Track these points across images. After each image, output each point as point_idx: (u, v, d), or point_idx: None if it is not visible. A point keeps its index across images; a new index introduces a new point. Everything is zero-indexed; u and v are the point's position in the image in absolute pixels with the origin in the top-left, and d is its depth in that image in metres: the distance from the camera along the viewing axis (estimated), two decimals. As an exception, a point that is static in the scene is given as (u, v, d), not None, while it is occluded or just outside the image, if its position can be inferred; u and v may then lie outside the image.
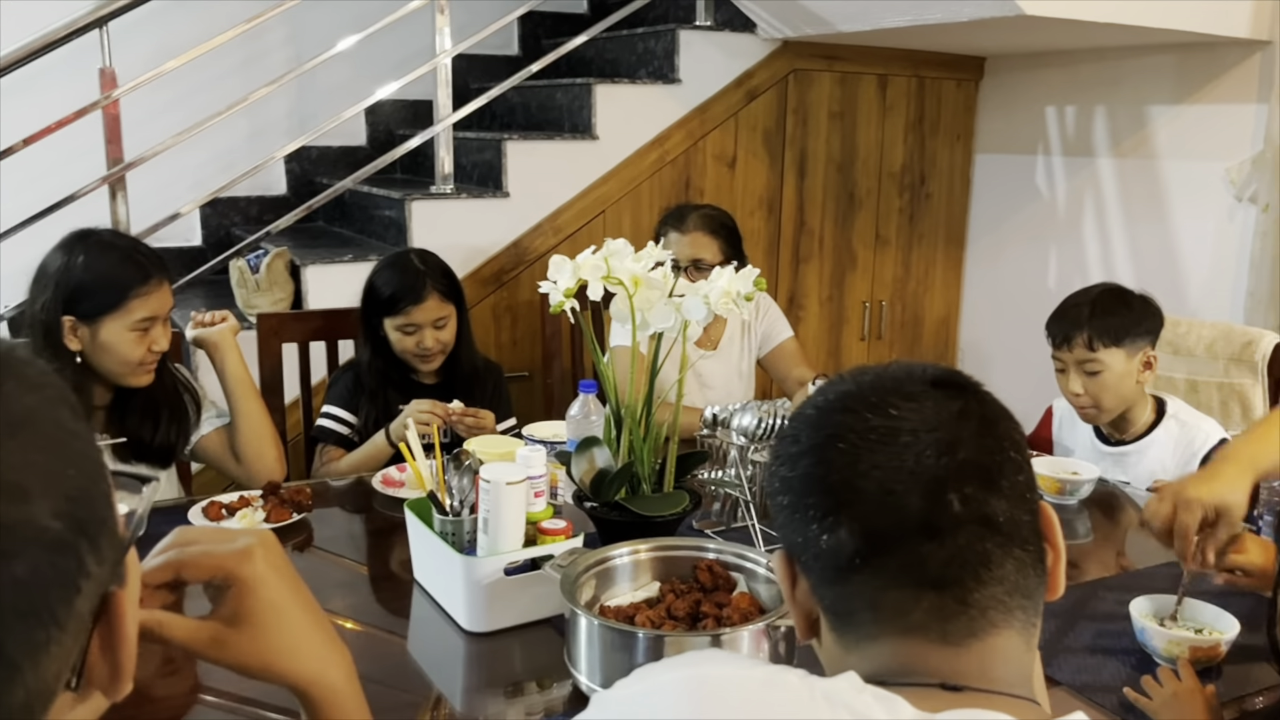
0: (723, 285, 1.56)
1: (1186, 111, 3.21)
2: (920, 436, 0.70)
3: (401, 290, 2.16)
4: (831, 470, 0.72)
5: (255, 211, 3.72)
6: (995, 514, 0.69)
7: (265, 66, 3.50)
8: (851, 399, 0.73)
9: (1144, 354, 1.98)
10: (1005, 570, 0.69)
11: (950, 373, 0.75)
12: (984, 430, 0.71)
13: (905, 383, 0.73)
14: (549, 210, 3.11)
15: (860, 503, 0.70)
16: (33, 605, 0.46)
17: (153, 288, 1.81)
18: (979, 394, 0.75)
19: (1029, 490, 0.72)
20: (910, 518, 0.69)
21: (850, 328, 3.76)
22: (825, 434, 0.73)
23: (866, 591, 0.71)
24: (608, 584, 1.35)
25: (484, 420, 2.10)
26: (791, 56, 3.40)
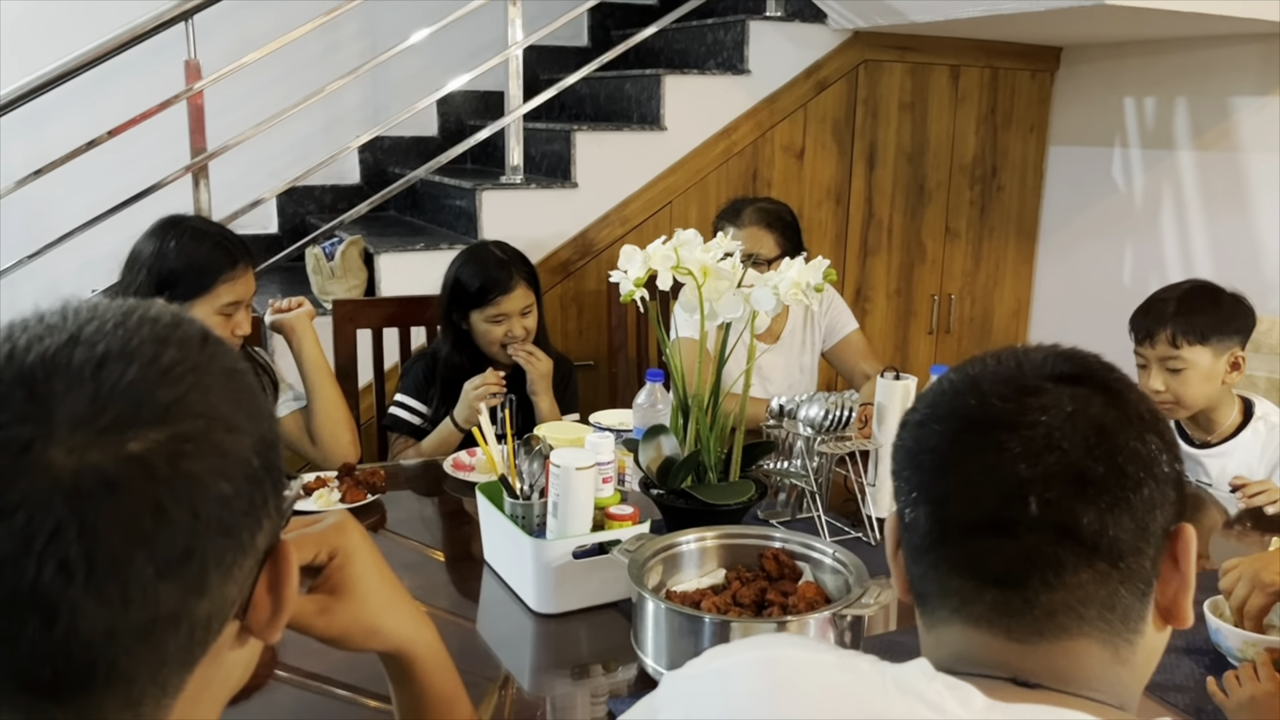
0: (792, 276, 1.56)
1: (1271, 103, 3.11)
2: (1015, 434, 0.68)
3: (490, 282, 2.20)
4: (923, 450, 0.72)
5: (330, 200, 3.80)
6: (1080, 523, 0.66)
7: (341, 58, 3.57)
8: (970, 382, 0.72)
9: (1231, 354, 1.92)
10: (1079, 579, 0.67)
11: (1087, 368, 0.72)
12: (1097, 437, 0.67)
13: (1029, 374, 0.70)
14: (616, 201, 3.13)
15: (938, 488, 0.71)
16: (229, 526, 0.54)
17: (240, 273, 1.87)
18: (1111, 396, 0.70)
19: (1149, 508, 0.68)
20: (982, 513, 0.68)
21: (918, 321, 3.72)
22: (933, 412, 0.73)
23: (937, 575, 0.71)
24: (674, 570, 1.37)
25: (539, 357, 2.18)
26: (862, 47, 3.37)
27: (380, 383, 2.50)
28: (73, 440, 0.49)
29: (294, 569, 0.61)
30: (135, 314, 0.56)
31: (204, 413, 0.54)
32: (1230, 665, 1.30)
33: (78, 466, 0.49)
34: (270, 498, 0.57)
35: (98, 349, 0.52)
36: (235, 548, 0.55)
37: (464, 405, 2.11)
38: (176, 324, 0.57)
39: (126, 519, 0.50)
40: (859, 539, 1.72)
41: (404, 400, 2.27)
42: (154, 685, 0.54)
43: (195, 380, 0.54)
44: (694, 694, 0.73)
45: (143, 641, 0.51)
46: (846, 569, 1.30)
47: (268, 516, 0.57)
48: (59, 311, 0.55)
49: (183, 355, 0.55)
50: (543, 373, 2.20)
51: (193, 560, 0.52)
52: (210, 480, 0.53)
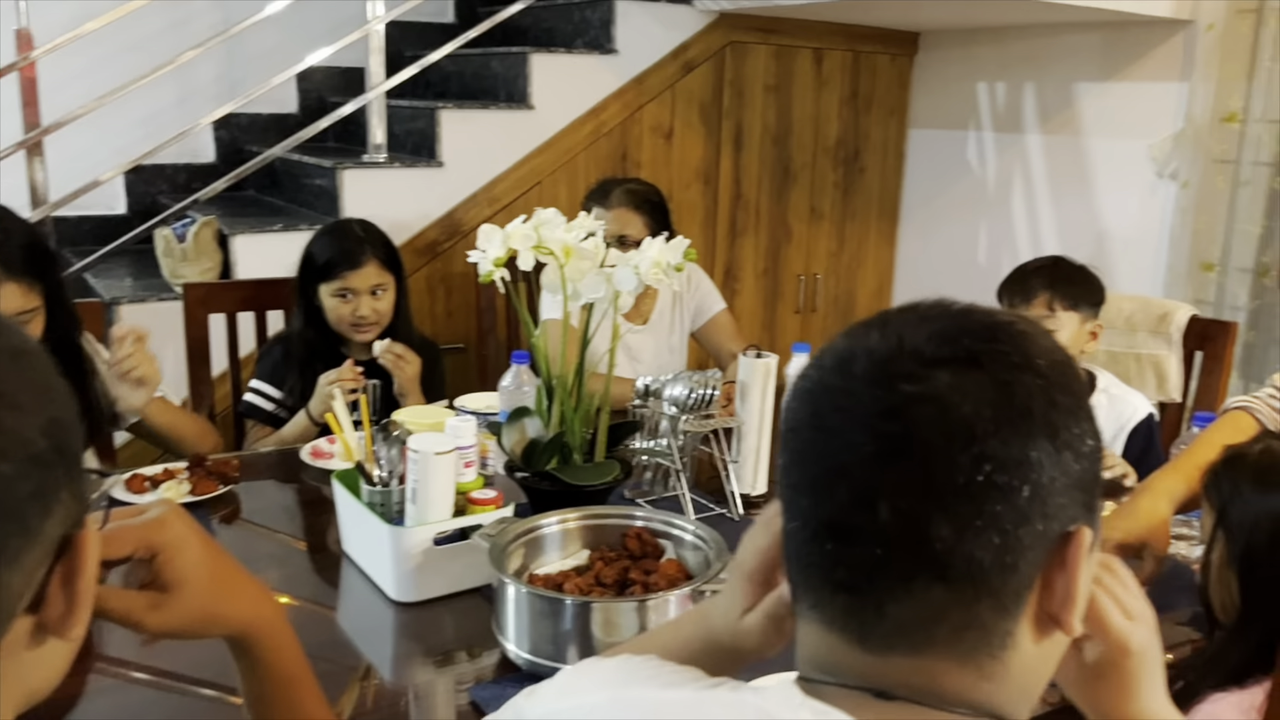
0: (652, 255, 1.57)
1: (1112, 89, 3.28)
2: (878, 430, 0.60)
3: (339, 255, 2.13)
4: (789, 428, 0.65)
5: (183, 179, 3.63)
6: (933, 538, 0.58)
7: (193, 30, 3.41)
8: (845, 359, 0.63)
9: (1093, 324, 2.05)
10: (931, 595, 0.60)
11: (975, 350, 0.61)
12: (964, 441, 0.58)
13: (908, 354, 0.61)
14: (484, 180, 3.08)
15: (795, 474, 0.64)
16: (10, 509, 0.51)
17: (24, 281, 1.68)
18: (999, 387, 0.60)
19: (1019, 520, 0.59)
20: (832, 512, 0.62)
21: (785, 301, 3.79)
22: (805, 384, 0.66)
23: (798, 566, 0.66)
24: (537, 553, 1.36)
25: (409, 360, 2.09)
26: (728, 29, 3.40)
27: (236, 370, 2.41)
28: None
29: (90, 562, 0.58)
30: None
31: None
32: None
33: None
34: (64, 483, 0.55)
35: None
36: (19, 533, 0.52)
37: (319, 399, 2.03)
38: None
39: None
40: (723, 515, 1.74)
41: (259, 386, 2.19)
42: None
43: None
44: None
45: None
46: (707, 545, 1.31)
47: (60, 503, 0.55)
48: None
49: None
50: (410, 376, 2.11)
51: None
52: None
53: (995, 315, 0.64)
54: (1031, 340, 0.63)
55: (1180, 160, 3.04)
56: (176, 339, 2.42)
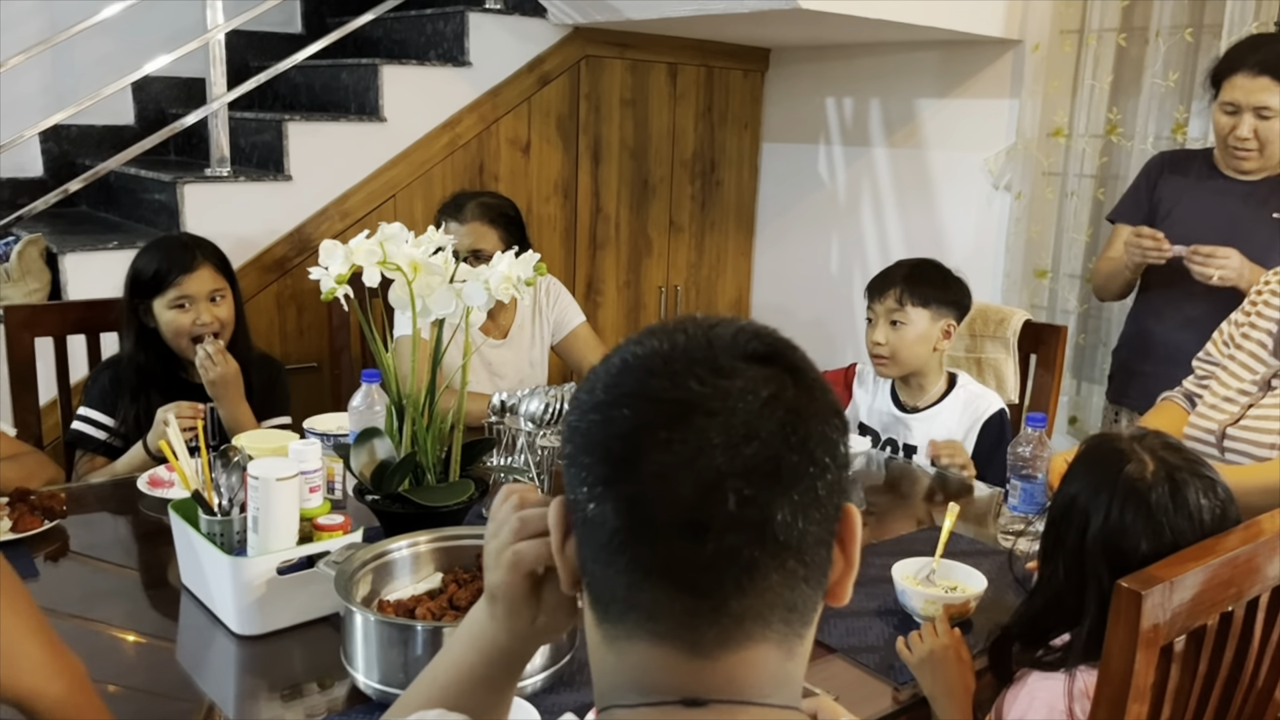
0: (503, 270, 1.55)
1: (949, 105, 3.43)
2: (714, 421, 0.61)
3: (169, 264, 2.03)
4: (612, 436, 0.63)
5: (7, 195, 3.40)
6: (775, 520, 0.61)
7: (15, 36, 3.21)
8: (657, 360, 0.64)
9: (946, 323, 2.17)
10: (770, 582, 0.62)
11: (775, 348, 0.66)
12: (791, 424, 0.62)
13: (720, 353, 0.63)
14: (335, 194, 3.00)
15: (630, 481, 0.62)
16: None
17: None
18: (800, 377, 0.65)
19: (830, 495, 0.64)
20: (678, 510, 0.61)
21: (647, 312, 3.82)
22: (619, 393, 0.64)
23: (628, 581, 0.64)
24: (387, 578, 1.32)
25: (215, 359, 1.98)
26: (583, 43, 3.41)
27: (66, 397, 2.27)
28: None
29: None
30: None
31: None
32: (916, 625, 1.42)
33: None
34: None
35: None
36: None
37: (156, 432, 1.91)
38: None
39: None
40: (582, 530, 1.73)
41: (88, 414, 2.06)
42: None
43: None
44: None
45: None
46: (562, 562, 1.30)
47: None
48: None
49: None
50: (213, 379, 1.99)
51: None
52: None
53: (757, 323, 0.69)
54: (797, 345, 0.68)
55: (1013, 173, 3.20)
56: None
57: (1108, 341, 2.95)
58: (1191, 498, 1.16)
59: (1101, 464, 1.22)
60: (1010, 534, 1.75)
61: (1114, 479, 1.19)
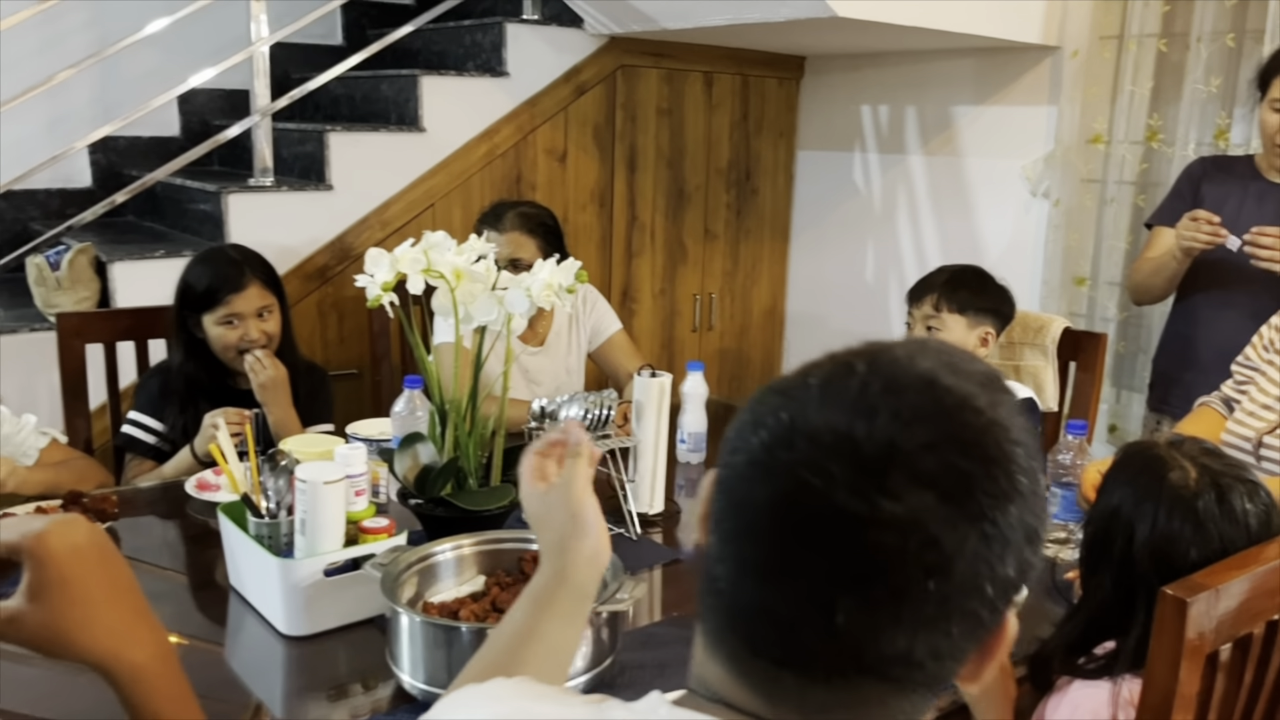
0: (544, 277, 1.57)
1: (986, 112, 3.42)
2: (854, 551, 0.56)
3: (219, 281, 2.07)
4: (744, 504, 0.60)
5: (57, 205, 3.49)
6: (882, 648, 0.57)
7: (66, 50, 3.29)
8: (820, 448, 0.57)
9: (984, 330, 2.17)
10: (864, 690, 0.59)
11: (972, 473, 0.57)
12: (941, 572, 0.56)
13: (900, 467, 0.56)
14: (375, 204, 3.04)
15: (747, 551, 0.60)
16: None
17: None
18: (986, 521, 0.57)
19: (966, 629, 0.59)
20: (782, 604, 0.58)
21: (682, 320, 3.83)
22: (769, 461, 0.59)
23: (716, 620, 0.63)
24: (431, 580, 1.35)
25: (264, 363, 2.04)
26: (619, 53, 3.43)
27: (115, 402, 2.32)
28: None
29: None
30: None
31: None
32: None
33: None
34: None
35: None
36: None
37: (204, 436, 1.96)
38: None
39: None
40: (621, 534, 1.75)
41: (138, 418, 2.11)
42: None
43: None
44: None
45: None
46: (603, 566, 1.31)
47: None
48: None
49: None
50: (262, 382, 2.04)
51: None
52: None
53: (984, 413, 0.59)
54: (1013, 443, 0.59)
55: (1051, 180, 3.18)
56: (50, 371, 2.33)
57: (1148, 349, 2.93)
58: (1237, 504, 1.16)
59: (1143, 473, 1.22)
60: (1051, 543, 1.74)
61: (1158, 487, 1.18)
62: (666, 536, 1.80)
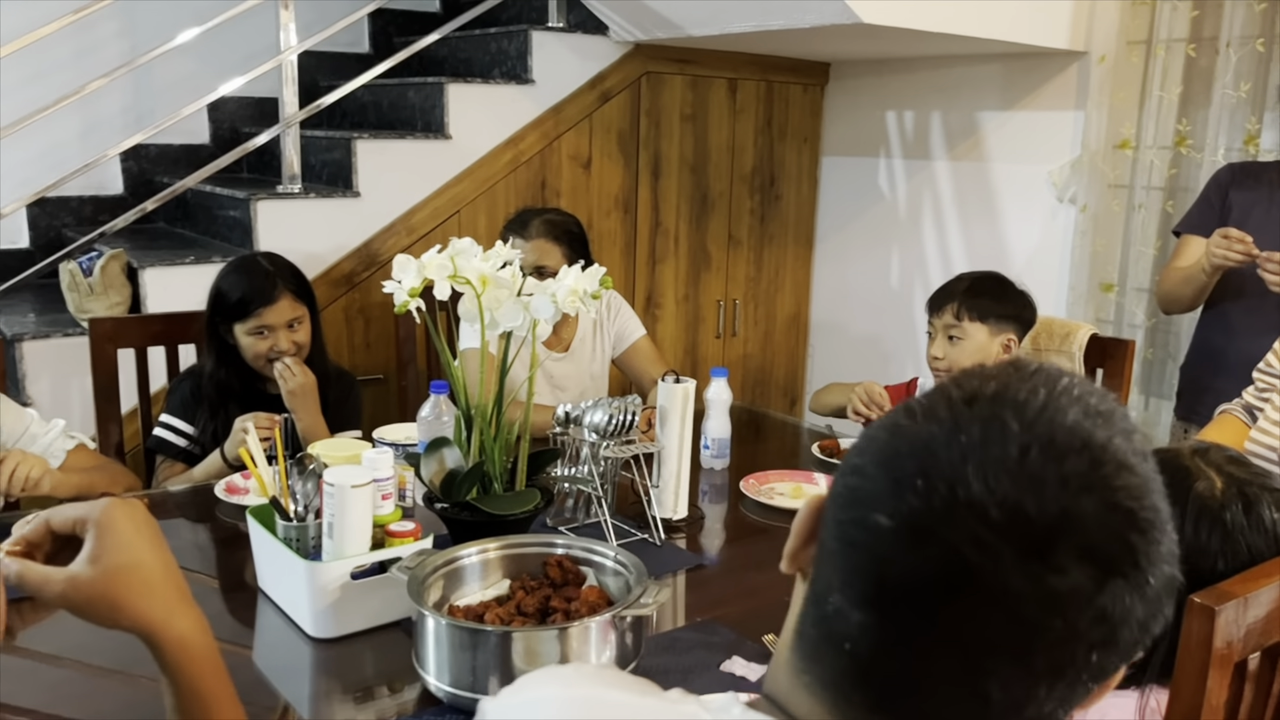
0: (569, 284, 1.58)
1: (1013, 118, 3.40)
2: (1009, 613, 0.54)
3: (251, 292, 2.09)
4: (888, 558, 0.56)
5: (89, 212, 3.54)
6: (1019, 708, 0.56)
7: (99, 59, 3.34)
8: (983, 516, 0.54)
9: (1006, 337, 2.16)
10: None
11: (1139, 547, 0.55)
12: (1104, 645, 0.55)
13: (1064, 538, 0.54)
14: (401, 210, 3.07)
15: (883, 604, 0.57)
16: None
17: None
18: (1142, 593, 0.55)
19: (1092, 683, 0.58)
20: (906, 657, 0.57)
21: (706, 326, 3.84)
22: (920, 522, 0.55)
23: (812, 647, 0.61)
24: (457, 584, 1.36)
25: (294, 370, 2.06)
26: (644, 59, 3.45)
27: (146, 406, 2.35)
28: None
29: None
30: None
31: None
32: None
33: None
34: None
35: None
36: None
37: (234, 441, 1.99)
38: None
39: None
40: (645, 540, 1.75)
41: (169, 421, 2.14)
42: None
43: None
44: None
45: None
46: (628, 570, 1.32)
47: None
48: None
49: None
50: (292, 389, 2.07)
51: None
52: None
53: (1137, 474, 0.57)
54: (1160, 494, 0.59)
55: (1078, 185, 3.17)
56: (83, 376, 2.36)
57: (1176, 356, 2.90)
58: (1265, 513, 1.15)
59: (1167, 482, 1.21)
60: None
61: (1183, 498, 1.17)
62: (690, 542, 1.81)
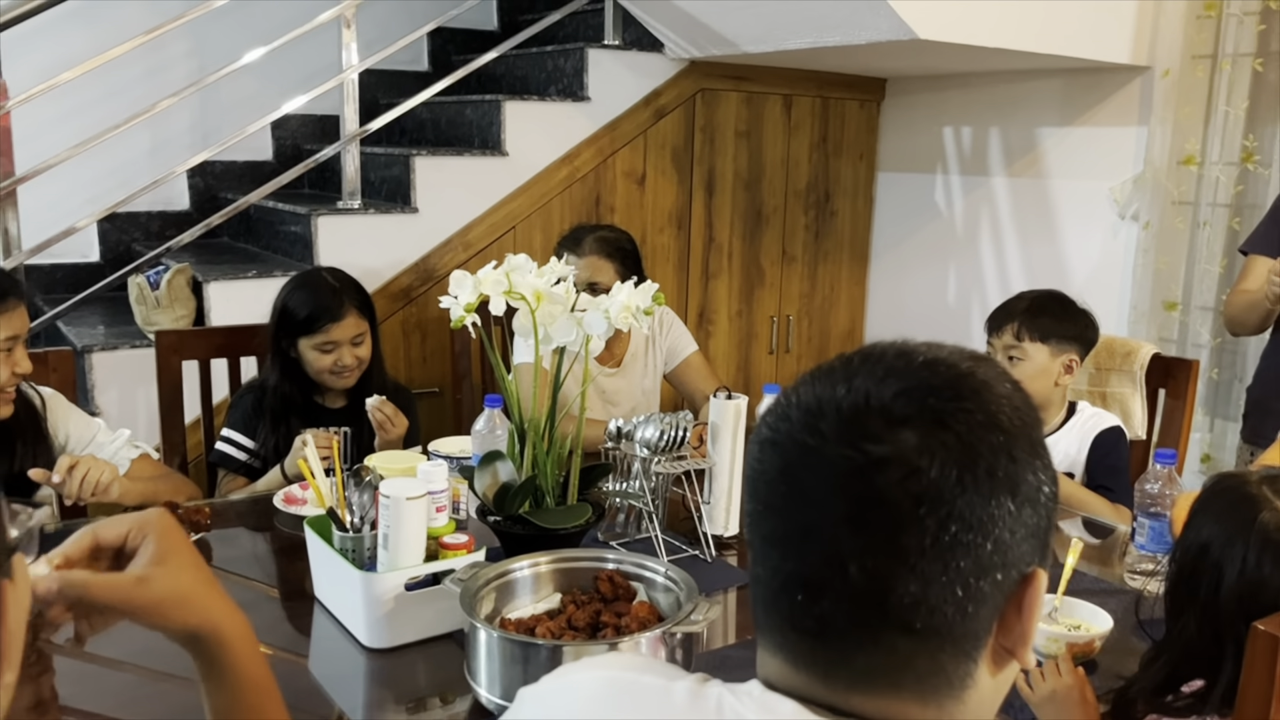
0: (622, 299, 1.59)
1: (1073, 134, 3.36)
2: (848, 491, 0.61)
3: (318, 310, 2.14)
4: (757, 477, 0.67)
5: (156, 227, 3.64)
6: (900, 593, 0.61)
7: (168, 79, 3.43)
8: (812, 413, 0.64)
9: (1067, 358, 2.10)
10: (896, 646, 0.62)
11: (941, 405, 0.62)
12: (932, 503, 0.60)
13: (874, 411, 0.62)
14: (458, 226, 3.11)
15: (765, 525, 0.66)
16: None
17: (9, 306, 1.76)
18: (965, 447, 0.61)
19: (981, 572, 0.62)
20: (801, 567, 0.64)
21: (759, 342, 3.82)
22: (774, 435, 0.66)
23: (761, 606, 0.68)
24: (509, 597, 1.36)
25: (397, 424, 2.09)
26: (699, 76, 3.46)
27: (209, 417, 2.40)
28: None
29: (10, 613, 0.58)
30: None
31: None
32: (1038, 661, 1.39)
33: None
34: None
35: None
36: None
37: (294, 458, 2.02)
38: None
39: None
40: (696, 557, 1.75)
41: (231, 435, 2.18)
42: None
43: None
44: (539, 707, 0.75)
45: None
46: (678, 587, 1.32)
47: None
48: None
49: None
50: (394, 439, 2.11)
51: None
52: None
53: (957, 367, 0.65)
54: (991, 391, 0.64)
55: (1141, 202, 3.11)
56: (149, 386, 2.42)
57: (1243, 377, 2.83)
58: None
59: (1232, 511, 1.18)
60: (1138, 574, 1.70)
61: (1248, 528, 1.14)
62: (741, 559, 1.80)
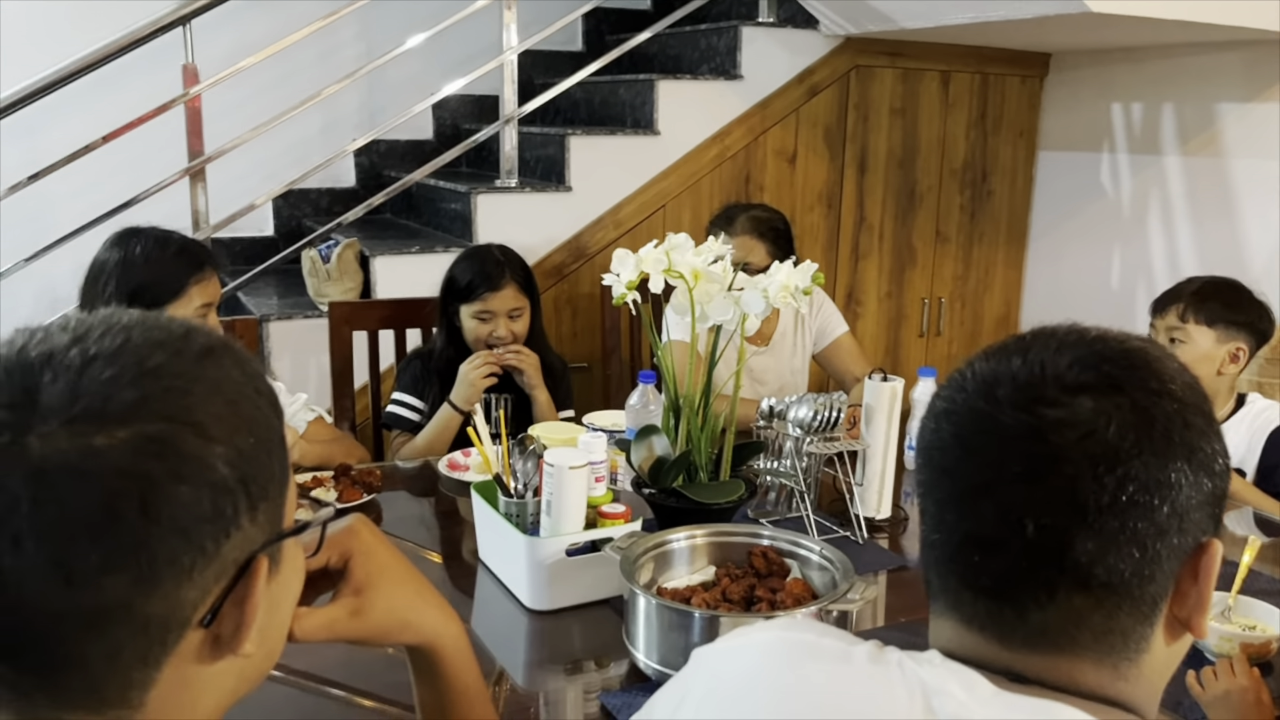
0: (781, 279, 1.59)
1: (1256, 110, 3.16)
2: (1024, 452, 0.65)
3: (480, 278, 2.24)
4: (933, 446, 0.70)
5: (326, 203, 3.83)
6: (1076, 551, 0.63)
7: (338, 62, 3.60)
8: (988, 384, 0.68)
9: (1234, 346, 2.00)
10: (1073, 603, 0.65)
11: (1115, 376, 0.66)
12: (1109, 464, 0.63)
13: (1050, 382, 0.66)
14: (610, 204, 3.16)
15: (941, 489, 0.69)
16: (186, 528, 0.55)
17: (208, 274, 1.89)
18: (1139, 413, 0.64)
19: (1157, 534, 0.64)
20: (978, 526, 0.67)
21: (909, 324, 3.75)
22: (950, 406, 0.70)
23: (936, 571, 0.71)
24: (665, 567, 1.40)
25: (524, 351, 2.22)
26: (854, 53, 3.40)
27: (376, 383, 2.53)
28: (45, 427, 0.52)
29: (259, 585, 0.60)
30: (142, 323, 0.58)
31: (172, 416, 0.55)
32: (1208, 660, 1.34)
33: (44, 451, 0.52)
34: (244, 510, 0.57)
35: (90, 349, 0.55)
36: (192, 551, 0.55)
37: (462, 386, 2.16)
38: (182, 334, 0.59)
39: (75, 506, 0.52)
40: (846, 537, 1.75)
41: (401, 398, 2.30)
42: (113, 675, 0.55)
43: (172, 385, 0.56)
44: (717, 665, 0.77)
45: (90, 628, 0.53)
46: (833, 566, 1.33)
47: (237, 528, 0.57)
48: (86, 319, 0.58)
49: (169, 361, 0.57)
50: (532, 365, 2.23)
51: (141, 556, 0.53)
52: (166, 482, 0.53)
53: (1128, 342, 0.69)
54: (1163, 365, 0.68)
55: (1332, 182, 2.91)
56: (321, 355, 2.56)
57: None
58: None
59: None
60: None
61: None
62: (892, 542, 1.79)
